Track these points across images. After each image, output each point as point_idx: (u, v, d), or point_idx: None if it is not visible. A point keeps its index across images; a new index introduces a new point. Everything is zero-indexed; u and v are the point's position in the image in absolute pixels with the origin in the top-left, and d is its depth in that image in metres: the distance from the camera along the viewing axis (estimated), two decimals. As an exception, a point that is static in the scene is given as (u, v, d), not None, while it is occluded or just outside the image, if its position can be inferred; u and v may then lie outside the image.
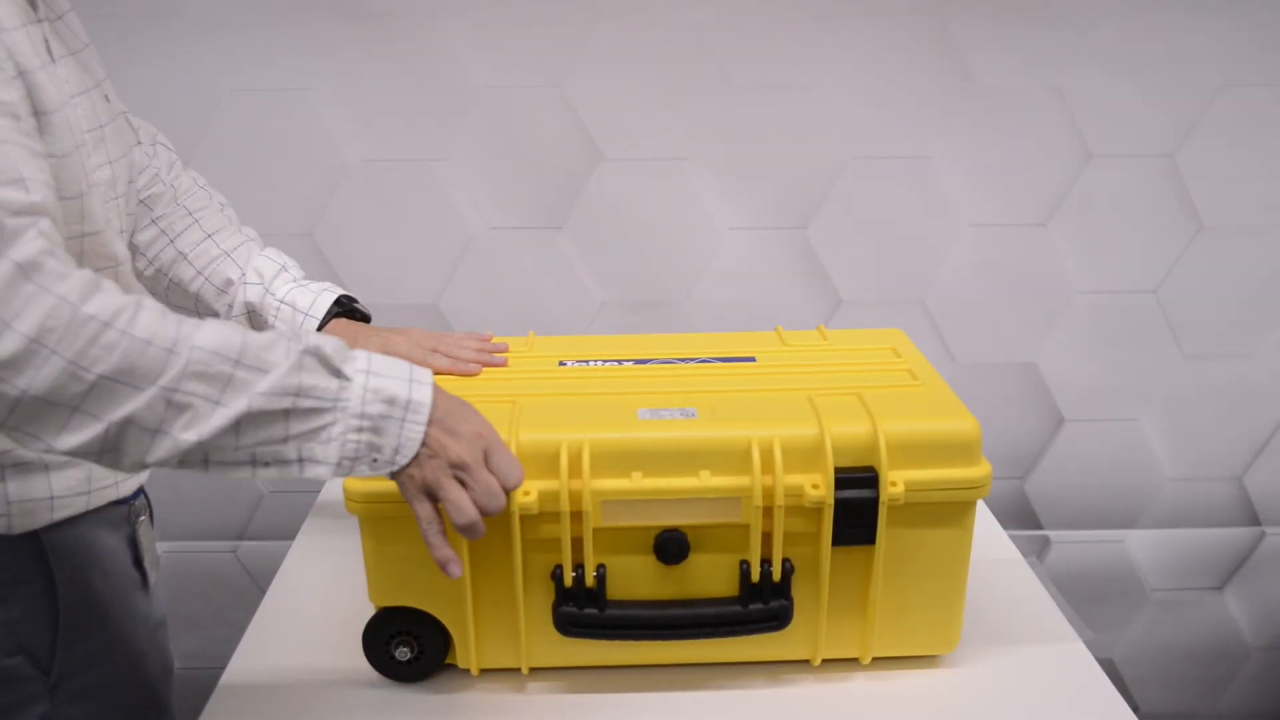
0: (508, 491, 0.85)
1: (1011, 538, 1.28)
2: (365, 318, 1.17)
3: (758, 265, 1.62)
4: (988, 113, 1.57)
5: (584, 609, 0.96)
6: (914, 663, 1.02)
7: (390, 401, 0.79)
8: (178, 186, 1.15)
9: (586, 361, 1.13)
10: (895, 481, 0.94)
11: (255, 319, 1.14)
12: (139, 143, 1.13)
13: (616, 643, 0.98)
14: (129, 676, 0.99)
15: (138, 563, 0.99)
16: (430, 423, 0.81)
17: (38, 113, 0.80)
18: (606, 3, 1.50)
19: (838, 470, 0.94)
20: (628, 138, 1.55)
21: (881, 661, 1.02)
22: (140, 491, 1.01)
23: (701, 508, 0.94)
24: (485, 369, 1.11)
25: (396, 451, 0.80)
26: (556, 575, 0.96)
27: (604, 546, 0.95)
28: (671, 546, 0.95)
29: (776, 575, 0.96)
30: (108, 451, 0.74)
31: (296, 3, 1.49)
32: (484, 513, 0.84)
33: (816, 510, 0.94)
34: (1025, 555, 1.23)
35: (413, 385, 0.81)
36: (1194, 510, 1.78)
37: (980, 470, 0.96)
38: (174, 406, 0.73)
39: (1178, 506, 1.77)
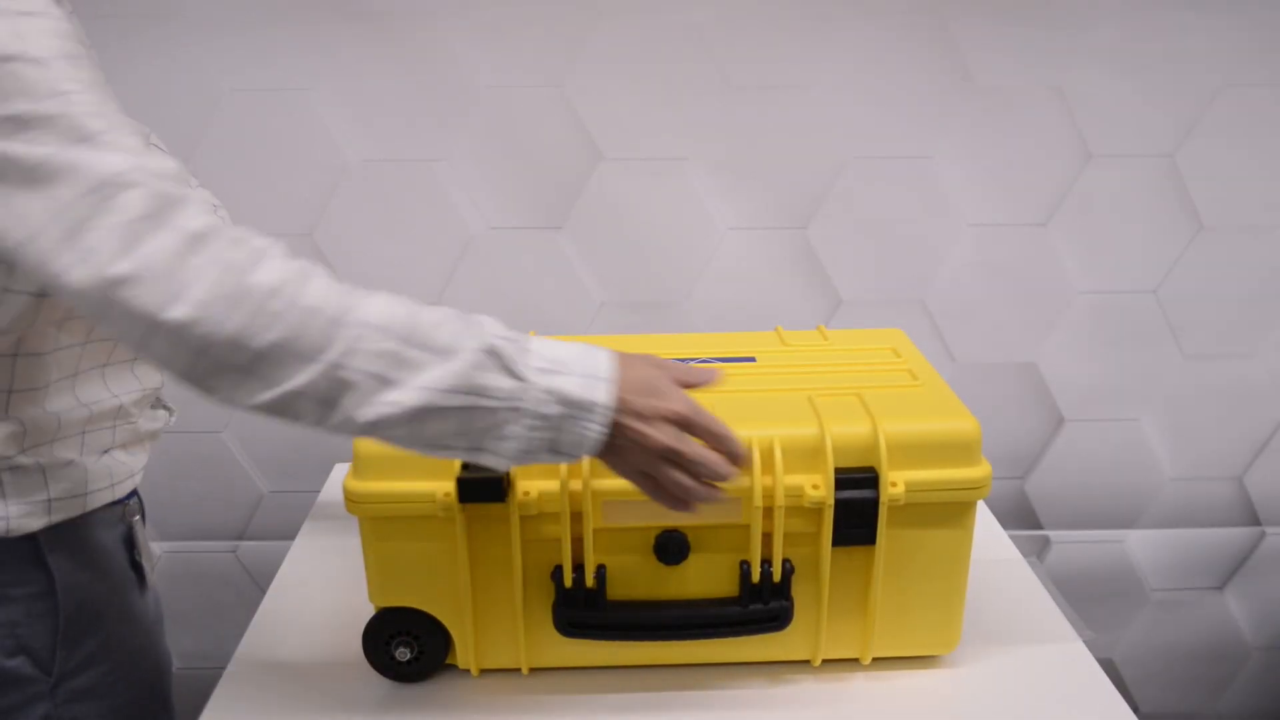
0: (728, 455, 0.84)
1: (1011, 538, 1.28)
2: None
3: (758, 265, 1.62)
4: (988, 113, 1.57)
5: (584, 609, 0.96)
6: (914, 663, 1.02)
7: (567, 403, 0.78)
8: None
9: (586, 361, 1.13)
10: (895, 482, 0.94)
11: None
12: (155, 143, 1.13)
13: (616, 643, 0.98)
14: (129, 675, 0.99)
15: (134, 562, 1.00)
16: (619, 412, 0.80)
17: None
18: (606, 3, 1.50)
19: (838, 471, 0.94)
20: (628, 138, 1.55)
21: (881, 661, 1.02)
22: (134, 491, 1.01)
23: (701, 508, 0.94)
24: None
25: (577, 446, 0.80)
26: (556, 575, 0.96)
27: (604, 546, 0.96)
28: (671, 546, 0.95)
29: (777, 576, 0.96)
30: (288, 414, 0.74)
31: (296, 3, 1.48)
32: (709, 478, 0.83)
33: (816, 510, 0.94)
34: (1025, 555, 1.24)
35: (591, 383, 0.79)
36: (1194, 510, 1.78)
37: (980, 470, 0.96)
38: (341, 383, 0.73)
39: (1178, 506, 1.77)
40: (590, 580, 0.95)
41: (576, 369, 0.80)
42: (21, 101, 0.70)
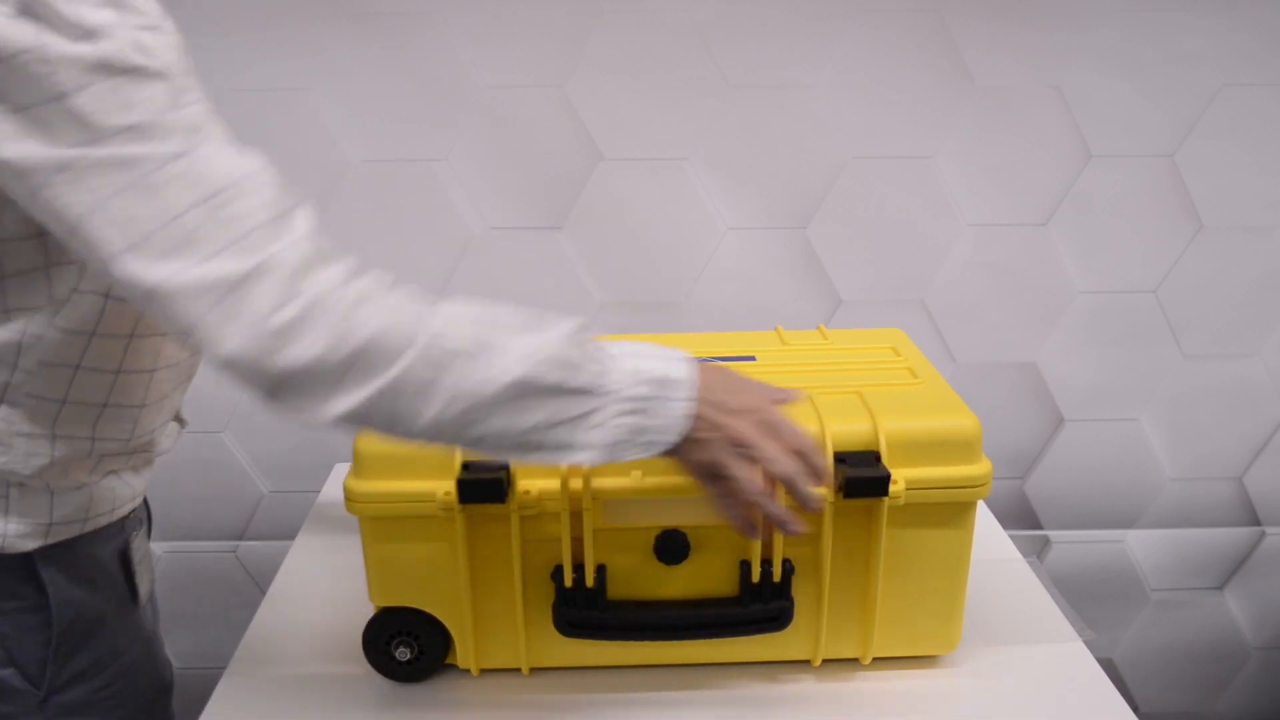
0: (810, 469, 0.82)
1: (1011, 538, 1.28)
2: None
3: (758, 265, 1.62)
4: (988, 113, 1.57)
5: (584, 609, 0.96)
6: (914, 663, 1.02)
7: (655, 382, 0.78)
8: None
9: (586, 361, 1.13)
10: (896, 480, 0.94)
11: None
12: None
13: (616, 643, 0.98)
14: (123, 690, 0.97)
15: (129, 576, 0.98)
16: (698, 400, 0.80)
17: None
18: (606, 2, 1.50)
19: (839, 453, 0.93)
20: (628, 138, 1.55)
21: (881, 661, 1.02)
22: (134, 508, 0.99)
23: (702, 507, 0.94)
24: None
25: (664, 432, 0.79)
26: (556, 575, 0.96)
27: (604, 546, 0.95)
28: (671, 546, 0.95)
29: (777, 575, 0.96)
30: (378, 418, 0.74)
31: (296, 2, 1.48)
32: (786, 484, 0.82)
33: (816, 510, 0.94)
34: (1025, 555, 1.23)
35: (671, 363, 0.80)
36: (1194, 510, 1.78)
37: (981, 468, 0.96)
38: (443, 357, 0.74)
39: (1178, 506, 1.77)
40: (590, 580, 0.95)
41: (653, 353, 0.81)
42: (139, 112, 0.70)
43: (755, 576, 0.96)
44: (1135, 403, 1.72)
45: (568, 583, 0.95)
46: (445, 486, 0.93)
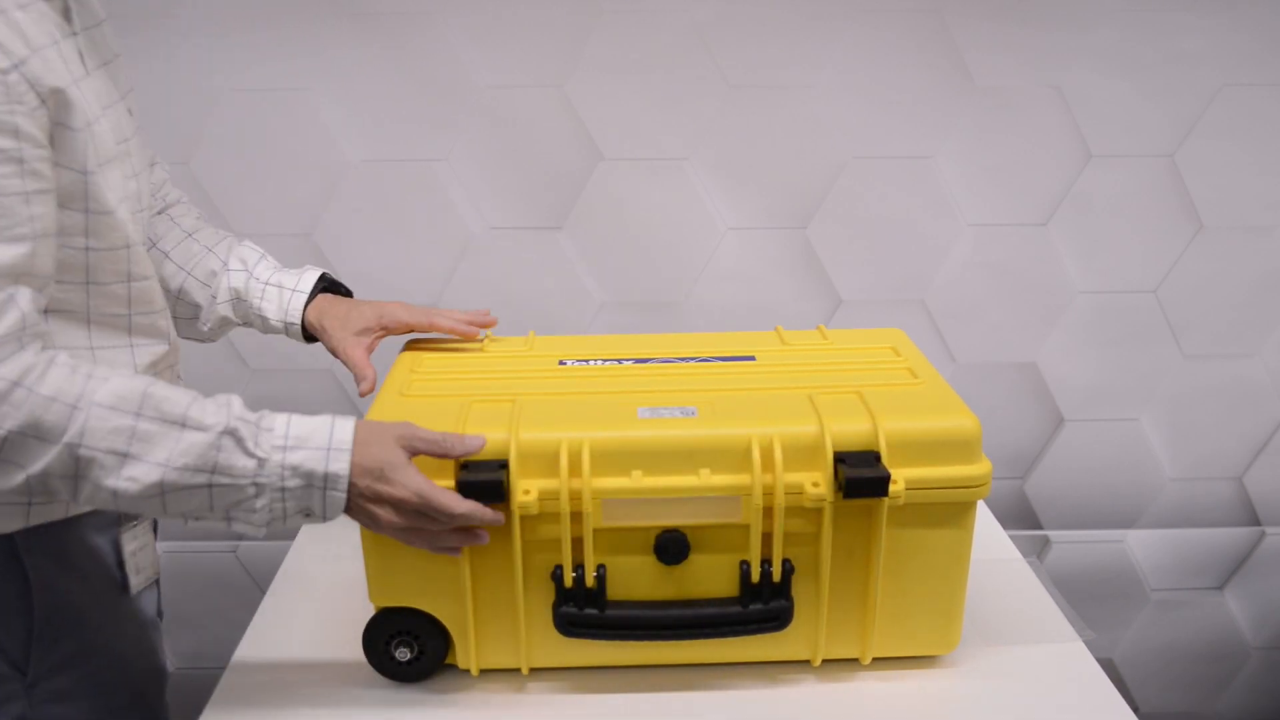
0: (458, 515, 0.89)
1: (1011, 538, 1.28)
2: (348, 293, 1.18)
3: (758, 265, 1.62)
4: (988, 113, 1.57)
5: (584, 609, 0.96)
6: (914, 663, 1.02)
7: (308, 475, 0.85)
8: (168, 198, 1.17)
9: (586, 361, 1.13)
10: (896, 480, 0.94)
11: (240, 305, 1.14)
12: (156, 161, 1.14)
13: (616, 643, 0.98)
14: (112, 679, 0.98)
15: (120, 565, 0.98)
16: (350, 492, 0.86)
17: (69, 129, 0.82)
18: (606, 2, 1.50)
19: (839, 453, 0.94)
20: (628, 138, 1.55)
21: (881, 661, 1.02)
22: None
23: (701, 507, 0.94)
24: (486, 369, 1.11)
25: (325, 514, 0.87)
26: (556, 575, 0.96)
27: (604, 546, 0.95)
28: (671, 546, 0.95)
29: (776, 575, 0.96)
30: (37, 495, 0.81)
31: (296, 2, 1.48)
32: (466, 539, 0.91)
33: (817, 510, 0.94)
34: (1025, 555, 1.23)
35: (330, 455, 0.85)
36: (1194, 510, 1.78)
37: (981, 468, 0.96)
38: (83, 461, 0.79)
39: (1178, 506, 1.77)
40: (590, 580, 0.95)
41: (316, 443, 0.85)
42: None
43: (755, 576, 0.96)
44: (1135, 403, 1.72)
45: (568, 583, 0.95)
46: (445, 486, 0.93)
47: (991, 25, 1.53)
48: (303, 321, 1.13)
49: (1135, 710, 1.04)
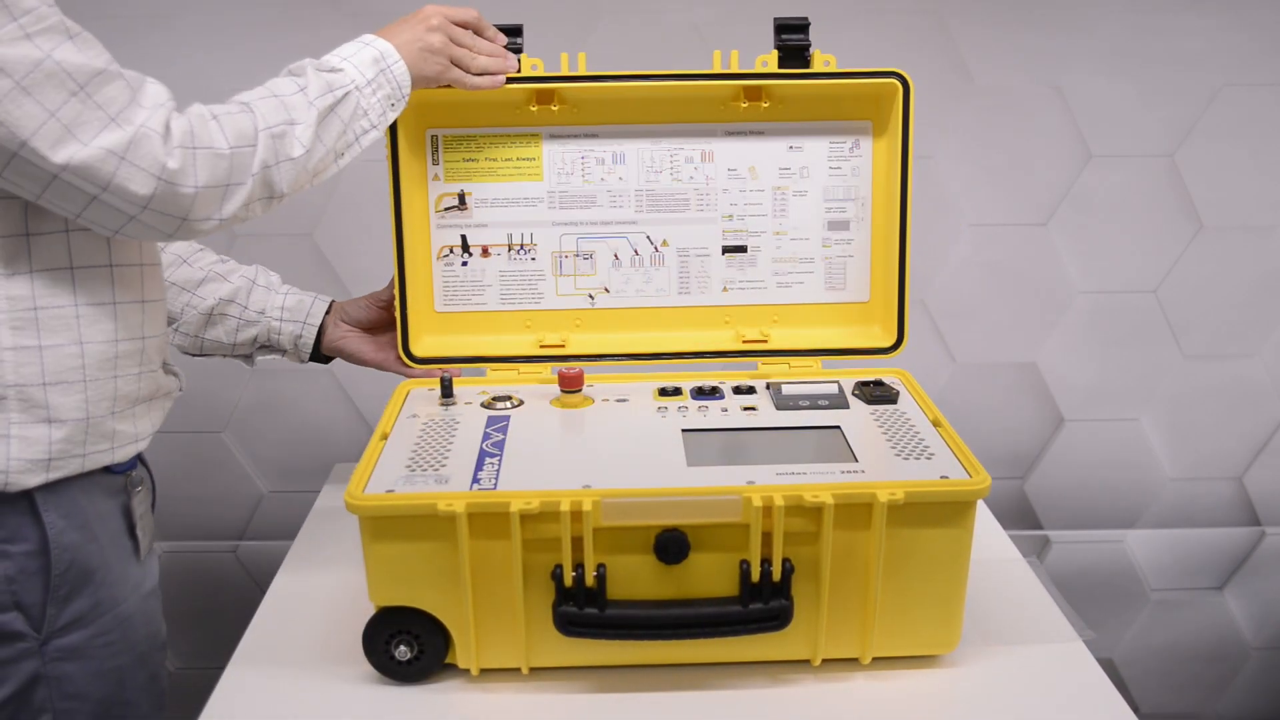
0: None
1: (1011, 538, 1.28)
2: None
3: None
4: (988, 113, 1.57)
5: (584, 609, 0.96)
6: (914, 663, 1.02)
7: (371, 62, 1.05)
8: None
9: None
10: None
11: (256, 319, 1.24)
12: None
13: (616, 643, 0.98)
14: (118, 640, 1.01)
15: (130, 531, 1.02)
16: (403, 47, 1.08)
17: None
18: (606, 2, 1.50)
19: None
20: (628, 138, 1.55)
21: (881, 661, 1.02)
22: (136, 462, 1.02)
23: (702, 507, 0.94)
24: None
25: (403, 78, 1.07)
26: (556, 575, 0.96)
27: (604, 546, 0.95)
28: (671, 546, 0.95)
29: (776, 575, 0.96)
30: (260, 190, 0.95)
31: (296, 4, 1.48)
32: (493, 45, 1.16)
33: (817, 510, 0.94)
34: (1025, 555, 1.23)
35: (368, 41, 1.07)
36: (1194, 510, 1.78)
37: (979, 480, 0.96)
38: (275, 138, 0.96)
39: (1178, 506, 1.77)
40: (590, 580, 0.95)
41: (356, 46, 1.07)
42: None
43: (755, 576, 0.96)
44: (1135, 403, 1.72)
45: (568, 582, 0.95)
46: (445, 486, 0.93)
47: (991, 25, 1.53)
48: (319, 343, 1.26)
49: (1135, 710, 1.04)
